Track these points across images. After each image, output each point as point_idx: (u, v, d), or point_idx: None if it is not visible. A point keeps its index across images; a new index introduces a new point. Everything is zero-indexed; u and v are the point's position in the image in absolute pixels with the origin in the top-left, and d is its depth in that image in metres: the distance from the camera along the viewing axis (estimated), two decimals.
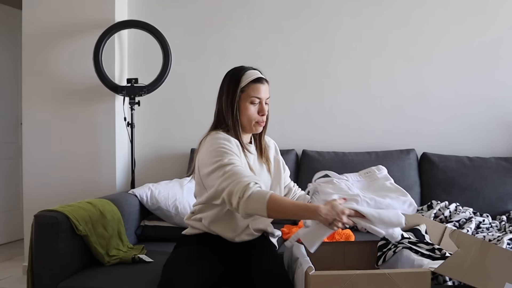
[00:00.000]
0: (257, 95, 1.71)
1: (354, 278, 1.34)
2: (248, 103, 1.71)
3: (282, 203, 1.50)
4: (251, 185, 1.50)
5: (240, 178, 1.52)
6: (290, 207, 1.49)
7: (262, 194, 1.49)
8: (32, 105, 3.08)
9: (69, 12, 3.02)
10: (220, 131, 1.72)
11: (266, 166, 1.82)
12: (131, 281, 1.78)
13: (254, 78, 1.71)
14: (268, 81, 1.76)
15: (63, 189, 3.00)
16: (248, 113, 1.71)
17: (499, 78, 2.86)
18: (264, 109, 1.73)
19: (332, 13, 3.01)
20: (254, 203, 1.48)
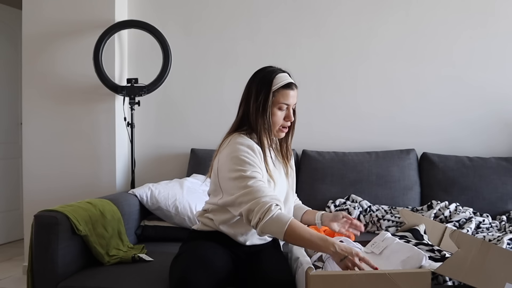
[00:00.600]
0: (286, 102, 1.69)
1: (354, 278, 1.34)
2: (276, 109, 1.69)
3: (301, 232, 1.50)
4: (272, 208, 1.51)
5: (262, 198, 1.53)
6: (308, 237, 1.49)
7: (283, 220, 1.50)
8: (32, 105, 3.08)
9: (69, 12, 3.03)
10: (243, 134, 1.70)
11: (284, 170, 1.80)
12: (131, 281, 1.78)
13: (285, 83, 1.69)
14: (297, 86, 1.73)
15: (63, 189, 3.00)
16: (275, 118, 1.69)
17: (499, 78, 2.86)
18: (291, 116, 1.71)
19: (333, 14, 3.01)
20: (273, 227, 1.51)
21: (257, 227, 1.52)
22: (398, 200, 2.65)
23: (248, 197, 1.54)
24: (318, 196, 2.69)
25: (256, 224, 1.52)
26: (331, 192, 2.69)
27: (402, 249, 1.54)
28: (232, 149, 1.63)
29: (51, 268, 1.83)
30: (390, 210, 2.55)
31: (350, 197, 2.65)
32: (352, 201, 2.63)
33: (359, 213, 2.53)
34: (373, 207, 2.58)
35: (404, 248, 1.54)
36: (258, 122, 1.68)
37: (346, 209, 2.53)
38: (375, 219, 2.48)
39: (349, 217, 1.78)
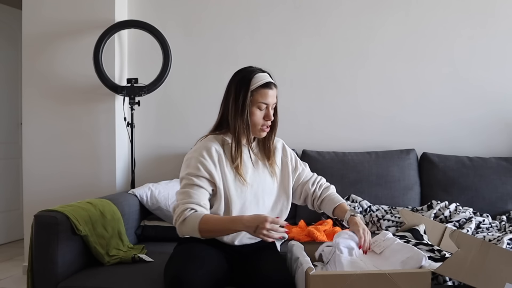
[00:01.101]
0: (265, 101, 1.70)
1: (354, 278, 1.34)
2: (255, 108, 1.71)
3: (212, 224, 1.58)
4: (186, 212, 1.61)
5: (181, 202, 1.64)
6: (220, 226, 1.59)
7: (194, 220, 1.58)
8: (32, 105, 3.08)
9: (69, 12, 3.02)
10: (215, 136, 1.75)
11: (269, 170, 1.79)
12: (131, 281, 1.78)
13: (263, 82, 1.70)
14: (276, 86, 1.75)
15: (63, 189, 3.00)
16: (254, 118, 1.71)
17: (499, 78, 2.86)
18: (270, 115, 1.72)
19: (333, 13, 3.01)
20: (187, 228, 1.61)
21: (176, 229, 1.64)
22: (398, 200, 2.65)
23: (177, 198, 1.67)
24: None
25: (175, 225, 1.64)
26: None
27: (402, 249, 1.54)
28: (191, 152, 1.74)
29: (51, 268, 1.83)
30: (390, 210, 2.55)
31: (350, 197, 2.65)
32: (352, 201, 2.63)
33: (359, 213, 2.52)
34: (373, 207, 2.58)
35: (404, 249, 1.54)
36: (237, 122, 1.70)
37: None
38: (375, 219, 2.48)
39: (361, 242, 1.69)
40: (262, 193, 1.76)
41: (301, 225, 2.49)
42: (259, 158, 1.80)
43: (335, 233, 2.25)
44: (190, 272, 1.50)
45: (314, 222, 2.55)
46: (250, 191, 1.73)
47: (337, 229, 2.30)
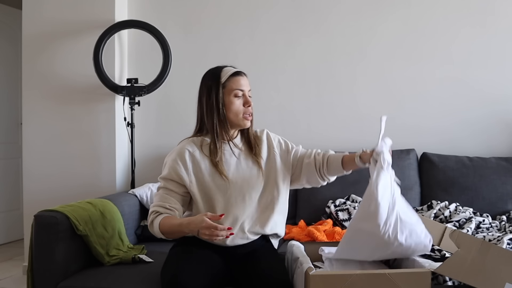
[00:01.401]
0: (240, 88, 1.71)
1: (354, 278, 1.34)
2: (232, 97, 1.70)
3: (166, 225, 1.61)
4: (152, 215, 1.66)
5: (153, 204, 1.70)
6: (171, 226, 1.60)
7: (156, 222, 1.63)
8: (32, 105, 3.08)
9: (69, 12, 3.02)
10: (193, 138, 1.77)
11: (257, 164, 1.77)
12: (131, 281, 1.78)
13: (232, 72, 1.72)
14: (246, 75, 1.76)
15: (63, 189, 3.00)
16: (234, 107, 1.70)
17: (499, 78, 2.86)
18: (250, 101, 1.72)
19: (333, 13, 3.01)
20: (153, 230, 1.65)
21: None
22: None
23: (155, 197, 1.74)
24: (318, 196, 2.69)
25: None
26: (331, 192, 2.68)
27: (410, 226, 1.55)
28: (167, 155, 1.79)
29: (51, 268, 1.83)
30: None
31: (350, 197, 2.65)
32: (352, 201, 2.63)
33: None
34: None
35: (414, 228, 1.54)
36: (214, 119, 1.70)
37: (346, 209, 2.53)
38: None
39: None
40: (247, 188, 1.73)
41: (301, 225, 2.49)
42: (244, 152, 1.77)
43: (335, 233, 2.26)
44: (186, 274, 1.50)
45: (314, 222, 2.55)
46: (234, 187, 1.71)
47: (337, 229, 2.30)
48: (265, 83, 3.02)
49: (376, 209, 1.47)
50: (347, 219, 2.50)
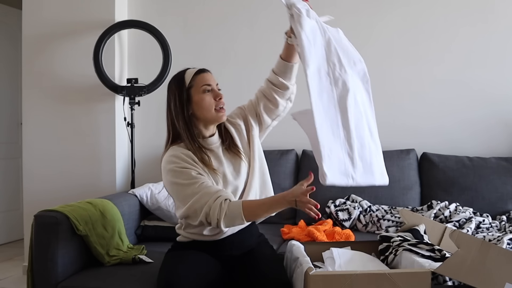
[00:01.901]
0: (206, 83, 1.69)
1: (354, 278, 1.34)
2: (202, 94, 1.68)
3: (256, 208, 1.55)
4: (223, 205, 1.53)
5: (210, 200, 1.55)
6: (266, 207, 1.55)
7: (236, 210, 1.53)
8: (32, 105, 3.08)
9: (69, 12, 3.02)
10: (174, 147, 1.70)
11: (238, 155, 1.74)
12: (131, 282, 1.78)
13: (195, 70, 1.72)
14: (210, 71, 1.75)
15: (63, 189, 3.00)
16: (205, 103, 1.67)
17: (499, 77, 2.86)
18: (220, 94, 1.70)
19: (332, 13, 3.00)
20: (234, 220, 1.54)
21: (221, 227, 1.55)
22: (398, 200, 2.65)
23: (199, 204, 1.56)
24: (318, 196, 2.66)
25: (217, 225, 1.55)
26: (331, 192, 2.68)
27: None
28: (164, 167, 1.68)
29: (51, 268, 1.83)
30: (390, 210, 2.55)
31: (350, 197, 2.65)
32: (352, 201, 2.63)
33: (359, 213, 2.53)
34: (373, 207, 2.58)
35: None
36: (186, 122, 1.67)
37: (346, 209, 2.53)
38: (375, 219, 2.48)
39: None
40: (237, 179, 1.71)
41: (301, 225, 2.49)
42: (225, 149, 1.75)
43: (335, 233, 2.26)
44: (181, 276, 1.50)
45: (314, 222, 2.55)
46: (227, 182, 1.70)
47: (337, 229, 2.31)
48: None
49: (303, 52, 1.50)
50: (347, 219, 2.50)
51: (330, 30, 1.67)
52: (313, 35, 1.55)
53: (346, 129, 1.49)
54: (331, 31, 1.66)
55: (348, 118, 1.49)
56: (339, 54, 1.57)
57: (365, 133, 1.54)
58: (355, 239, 2.25)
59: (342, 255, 1.64)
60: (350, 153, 1.46)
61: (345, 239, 2.23)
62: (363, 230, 2.50)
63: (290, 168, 2.82)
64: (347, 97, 1.52)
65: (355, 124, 1.51)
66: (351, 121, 1.50)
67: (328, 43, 1.59)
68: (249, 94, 1.91)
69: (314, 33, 1.56)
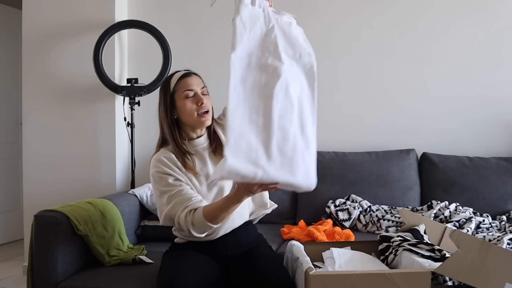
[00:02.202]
0: (188, 88, 1.69)
1: (354, 278, 1.34)
2: (183, 100, 1.69)
3: (215, 211, 1.53)
4: (188, 217, 1.56)
5: (178, 209, 1.59)
6: (221, 207, 1.51)
7: (199, 217, 1.53)
8: (32, 105, 3.08)
9: (69, 12, 3.02)
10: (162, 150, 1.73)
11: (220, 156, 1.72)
12: (132, 282, 1.78)
13: (180, 75, 1.72)
14: (197, 74, 1.75)
15: (63, 189, 3.00)
16: (187, 109, 1.68)
17: (499, 78, 2.86)
18: (202, 99, 1.69)
19: (332, 13, 3.01)
20: (202, 228, 1.56)
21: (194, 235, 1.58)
22: (398, 200, 2.65)
23: (171, 213, 1.60)
24: (318, 196, 2.69)
25: (191, 234, 1.57)
26: (331, 192, 2.69)
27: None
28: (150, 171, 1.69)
29: (51, 268, 1.83)
30: (390, 210, 2.55)
31: (350, 197, 2.65)
32: (352, 201, 2.63)
33: (359, 213, 2.53)
34: (373, 207, 2.58)
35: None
36: (170, 126, 1.70)
37: (346, 209, 2.53)
38: (375, 219, 2.48)
39: None
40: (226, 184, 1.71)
41: (301, 225, 2.49)
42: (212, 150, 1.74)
43: (335, 233, 2.26)
44: (182, 277, 1.50)
45: (314, 222, 2.55)
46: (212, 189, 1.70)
47: (337, 229, 2.31)
48: None
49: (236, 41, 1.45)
50: (347, 219, 2.50)
51: (280, 21, 1.58)
52: (251, 22, 1.51)
53: (267, 117, 1.35)
54: (280, 23, 1.57)
55: (271, 106, 1.35)
56: (278, 43, 1.49)
57: (292, 126, 1.39)
58: (355, 239, 2.25)
59: (342, 255, 1.64)
60: (266, 143, 1.31)
61: (345, 239, 2.23)
62: (363, 230, 2.51)
63: None
64: (275, 85, 1.39)
65: (280, 114, 1.37)
66: (275, 110, 1.36)
67: (269, 31, 1.51)
68: None
69: (253, 20, 1.51)
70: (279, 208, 2.74)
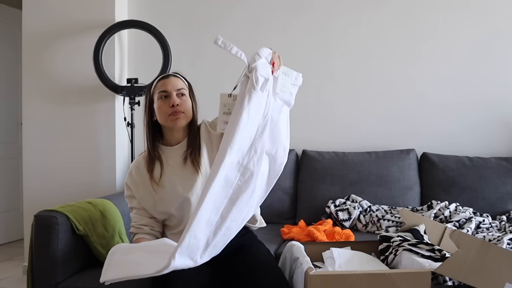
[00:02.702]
0: (162, 89, 1.70)
1: (354, 278, 1.34)
2: (158, 100, 1.71)
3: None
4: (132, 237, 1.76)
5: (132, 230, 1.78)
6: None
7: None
8: (32, 105, 3.08)
9: (69, 12, 3.02)
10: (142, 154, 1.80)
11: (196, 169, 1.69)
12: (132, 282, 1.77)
13: (159, 77, 1.75)
14: (177, 75, 1.76)
15: (63, 189, 3.00)
16: (160, 110, 1.70)
17: (498, 78, 2.86)
18: (174, 100, 1.68)
19: (332, 13, 3.01)
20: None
21: None
22: (398, 200, 2.65)
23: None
24: (318, 196, 2.70)
25: None
26: (331, 192, 2.69)
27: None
28: None
29: (51, 268, 1.83)
30: (390, 210, 2.55)
31: (350, 197, 2.65)
32: (352, 201, 2.63)
33: (359, 213, 2.53)
34: (373, 207, 2.58)
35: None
36: (148, 129, 1.73)
37: (346, 209, 2.53)
38: (375, 219, 2.48)
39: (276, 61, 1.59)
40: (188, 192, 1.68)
41: (301, 225, 2.49)
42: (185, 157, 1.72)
43: (335, 233, 2.26)
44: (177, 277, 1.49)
45: (314, 222, 2.55)
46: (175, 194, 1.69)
47: (337, 229, 2.31)
48: None
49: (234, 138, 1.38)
50: (347, 219, 2.50)
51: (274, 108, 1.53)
52: (255, 113, 1.43)
53: (223, 218, 1.40)
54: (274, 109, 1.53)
55: (231, 210, 1.41)
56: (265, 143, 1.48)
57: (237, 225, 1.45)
58: (355, 239, 2.25)
59: (342, 255, 1.64)
60: (209, 241, 1.39)
61: (345, 239, 2.23)
62: (363, 230, 2.50)
63: (290, 168, 2.82)
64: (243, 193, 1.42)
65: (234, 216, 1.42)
66: (232, 213, 1.41)
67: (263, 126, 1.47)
68: None
69: (257, 111, 1.44)
70: (279, 208, 2.75)
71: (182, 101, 1.71)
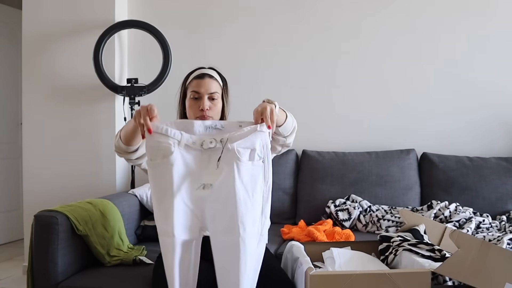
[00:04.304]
0: (195, 89, 1.69)
1: (354, 278, 1.34)
2: (189, 99, 1.71)
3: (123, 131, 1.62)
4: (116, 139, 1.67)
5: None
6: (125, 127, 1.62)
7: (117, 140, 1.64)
8: (32, 105, 3.08)
9: (69, 12, 3.03)
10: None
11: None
12: (132, 282, 1.78)
13: (196, 74, 1.72)
14: (213, 77, 1.72)
15: (63, 189, 3.00)
16: (190, 109, 1.70)
17: (499, 78, 2.86)
18: (204, 105, 1.66)
19: (332, 13, 3.01)
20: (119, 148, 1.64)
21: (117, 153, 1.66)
22: (398, 200, 2.65)
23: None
24: (318, 196, 2.70)
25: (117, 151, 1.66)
26: (331, 192, 2.69)
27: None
28: None
29: (51, 268, 1.83)
30: (390, 210, 2.55)
31: (350, 197, 2.65)
32: (352, 201, 2.63)
33: (359, 213, 2.53)
34: (373, 207, 2.58)
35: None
36: (182, 117, 1.75)
37: (346, 209, 2.53)
38: (375, 219, 2.48)
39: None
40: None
41: (301, 225, 2.49)
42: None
43: (335, 233, 2.26)
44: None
45: (314, 222, 2.55)
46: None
47: (337, 229, 2.31)
48: (265, 83, 3.03)
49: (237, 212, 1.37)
50: (347, 219, 2.50)
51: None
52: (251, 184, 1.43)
53: None
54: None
55: None
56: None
57: None
58: (355, 239, 2.25)
59: (342, 255, 1.64)
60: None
61: (345, 239, 2.23)
62: (363, 230, 2.51)
63: (290, 168, 2.83)
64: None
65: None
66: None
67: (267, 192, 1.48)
68: (249, 95, 1.91)
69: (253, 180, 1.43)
70: (279, 208, 2.75)
71: (212, 105, 1.69)
